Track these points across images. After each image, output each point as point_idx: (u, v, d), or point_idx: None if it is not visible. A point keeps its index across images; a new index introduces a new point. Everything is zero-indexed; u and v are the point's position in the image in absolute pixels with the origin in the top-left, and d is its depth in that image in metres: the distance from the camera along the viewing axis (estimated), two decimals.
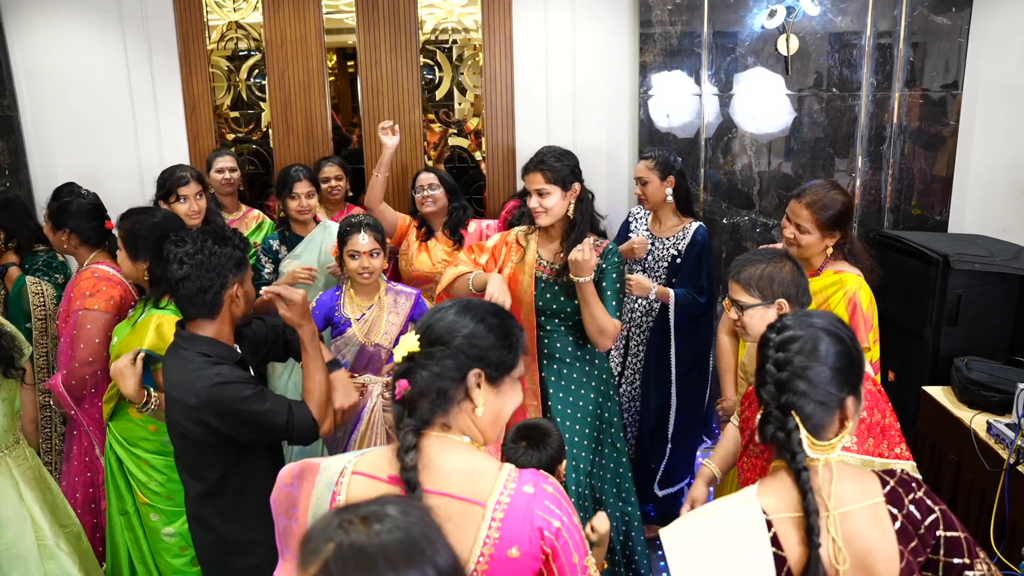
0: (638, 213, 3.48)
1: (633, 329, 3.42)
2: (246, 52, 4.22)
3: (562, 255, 2.52)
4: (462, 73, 4.22)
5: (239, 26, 4.19)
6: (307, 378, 2.02)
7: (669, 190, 3.24)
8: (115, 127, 4.18)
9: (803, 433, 1.30)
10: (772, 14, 3.75)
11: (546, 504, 1.27)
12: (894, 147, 3.87)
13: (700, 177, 3.96)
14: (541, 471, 1.34)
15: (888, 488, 1.32)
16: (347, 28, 4.18)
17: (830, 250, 2.47)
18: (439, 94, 4.24)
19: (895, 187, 3.91)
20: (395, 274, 3.61)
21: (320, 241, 3.19)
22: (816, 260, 2.48)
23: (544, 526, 1.24)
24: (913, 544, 1.27)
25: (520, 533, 1.23)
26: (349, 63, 4.40)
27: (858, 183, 3.89)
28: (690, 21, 3.83)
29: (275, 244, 3.25)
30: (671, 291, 3.15)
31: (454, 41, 4.18)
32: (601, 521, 1.86)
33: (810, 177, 3.84)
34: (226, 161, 3.66)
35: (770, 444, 1.35)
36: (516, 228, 2.73)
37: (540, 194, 2.46)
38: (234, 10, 4.17)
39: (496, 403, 1.36)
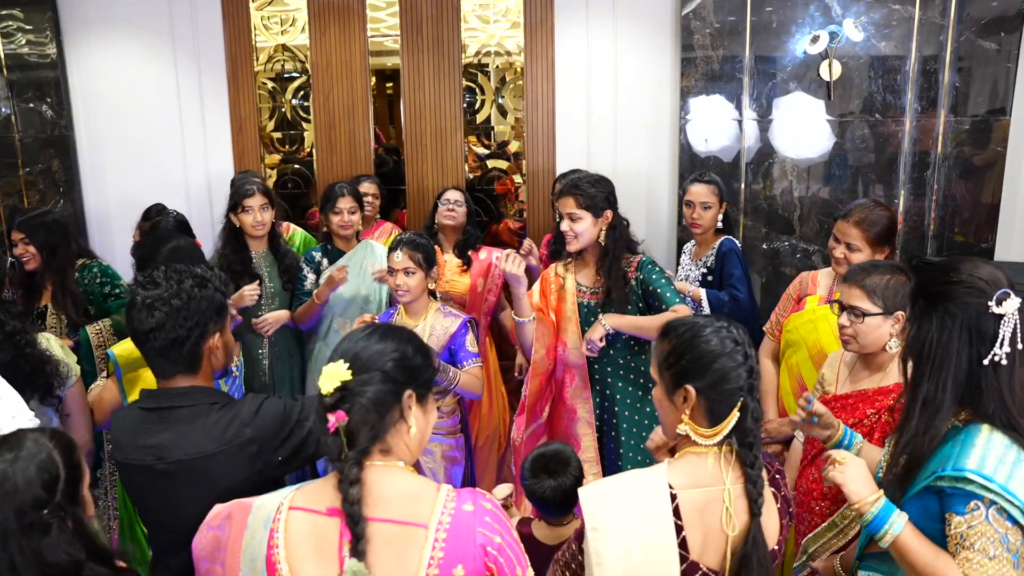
0: (688, 248, 3.40)
1: None
2: (292, 74, 4.32)
3: (600, 280, 2.53)
4: (503, 96, 4.27)
5: (286, 48, 4.29)
6: None
7: (720, 215, 3.21)
8: (164, 146, 4.29)
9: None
10: (815, 39, 3.74)
11: (487, 521, 1.28)
12: (938, 173, 3.83)
13: (740, 202, 3.95)
14: (478, 489, 1.35)
15: (772, 473, 1.45)
16: (387, 50, 4.26)
17: None
18: (480, 117, 4.29)
19: (939, 214, 3.86)
20: None
21: (361, 258, 3.25)
22: None
23: (486, 542, 1.26)
24: (785, 515, 1.46)
25: (464, 551, 1.25)
26: (388, 84, 4.47)
27: (900, 209, 3.85)
28: (731, 46, 3.84)
29: (318, 256, 3.33)
30: (702, 291, 3.05)
31: (496, 65, 4.23)
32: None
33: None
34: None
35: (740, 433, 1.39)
36: (553, 264, 2.74)
37: (572, 219, 2.47)
38: (282, 33, 4.28)
39: (423, 421, 1.37)
